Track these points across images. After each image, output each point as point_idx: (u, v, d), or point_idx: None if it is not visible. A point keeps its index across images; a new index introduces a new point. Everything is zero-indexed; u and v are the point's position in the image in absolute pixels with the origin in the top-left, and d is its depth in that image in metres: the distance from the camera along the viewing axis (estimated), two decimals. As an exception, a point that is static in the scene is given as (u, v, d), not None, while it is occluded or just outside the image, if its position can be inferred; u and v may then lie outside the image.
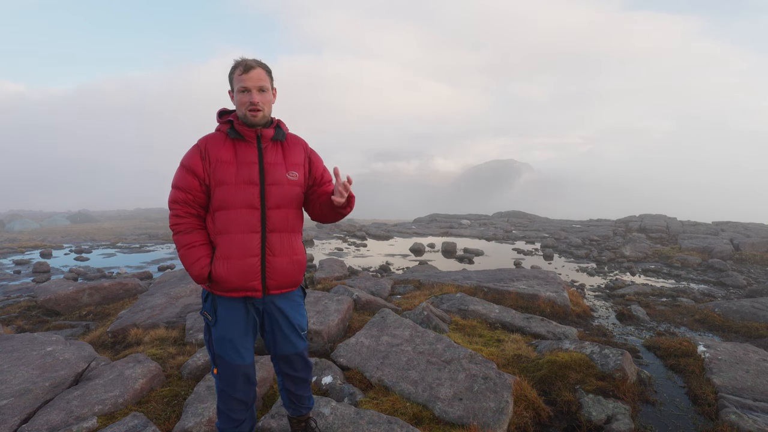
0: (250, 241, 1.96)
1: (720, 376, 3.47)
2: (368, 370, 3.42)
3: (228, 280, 1.95)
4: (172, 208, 2.01)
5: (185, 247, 1.97)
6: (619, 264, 10.44)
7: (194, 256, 1.96)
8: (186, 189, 1.97)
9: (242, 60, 1.96)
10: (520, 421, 2.83)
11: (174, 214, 2.00)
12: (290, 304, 2.13)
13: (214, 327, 2.02)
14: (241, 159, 1.97)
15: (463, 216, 24.23)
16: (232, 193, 1.94)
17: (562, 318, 5.40)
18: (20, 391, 3.02)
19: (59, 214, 49.82)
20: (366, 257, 11.70)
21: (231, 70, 1.97)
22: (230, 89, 2.01)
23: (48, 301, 6.39)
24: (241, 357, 2.02)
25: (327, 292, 5.34)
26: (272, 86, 2.02)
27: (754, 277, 8.99)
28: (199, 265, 1.95)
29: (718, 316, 5.56)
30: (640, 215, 19.49)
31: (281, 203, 2.01)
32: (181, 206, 1.99)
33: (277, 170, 2.01)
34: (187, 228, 1.99)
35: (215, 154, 1.96)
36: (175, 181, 2.00)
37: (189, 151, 2.00)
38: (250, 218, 1.96)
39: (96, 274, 9.52)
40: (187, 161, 1.98)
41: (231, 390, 2.05)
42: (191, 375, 3.40)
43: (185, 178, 1.96)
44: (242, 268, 1.95)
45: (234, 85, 1.96)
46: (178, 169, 2.00)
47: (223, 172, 1.95)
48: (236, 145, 1.99)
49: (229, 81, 2.00)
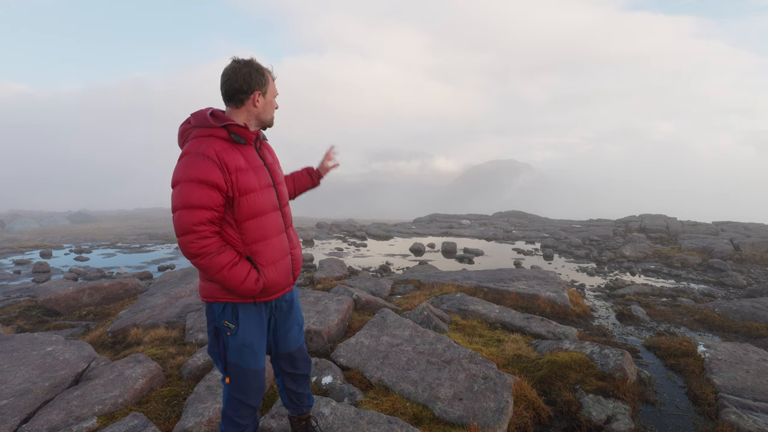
0: (283, 240, 2.03)
1: (720, 376, 3.47)
2: (368, 370, 3.42)
3: (278, 283, 2.00)
4: (195, 231, 1.76)
5: (228, 267, 1.82)
6: (619, 264, 10.44)
7: (242, 272, 1.85)
8: (212, 206, 1.78)
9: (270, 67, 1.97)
10: (520, 421, 2.83)
11: (200, 237, 1.77)
12: (295, 294, 2.25)
13: (233, 336, 1.94)
14: (252, 164, 1.93)
15: (463, 216, 24.23)
16: (261, 199, 1.92)
17: (562, 318, 5.40)
18: (20, 391, 3.02)
19: (59, 214, 49.83)
20: (366, 257, 11.70)
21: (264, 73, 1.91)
22: (259, 90, 1.91)
23: (48, 301, 6.39)
24: (257, 362, 2.00)
25: (327, 292, 5.34)
26: None
27: (754, 277, 8.98)
28: (252, 278, 1.87)
29: (718, 316, 5.56)
30: (640, 215, 19.48)
31: (287, 199, 2.13)
32: (208, 226, 1.79)
33: (277, 169, 2.09)
34: (219, 248, 1.82)
35: (232, 162, 1.83)
36: (194, 201, 1.75)
37: (200, 164, 1.76)
38: (278, 219, 2.02)
39: (96, 274, 9.52)
40: (205, 176, 1.75)
41: (244, 397, 2.02)
42: (191, 375, 3.40)
43: (209, 195, 1.76)
44: (285, 268, 2.03)
45: (268, 90, 1.94)
46: (191, 187, 1.75)
47: (247, 179, 1.87)
48: (242, 151, 1.91)
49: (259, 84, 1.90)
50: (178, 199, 1.76)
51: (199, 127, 1.86)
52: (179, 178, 1.77)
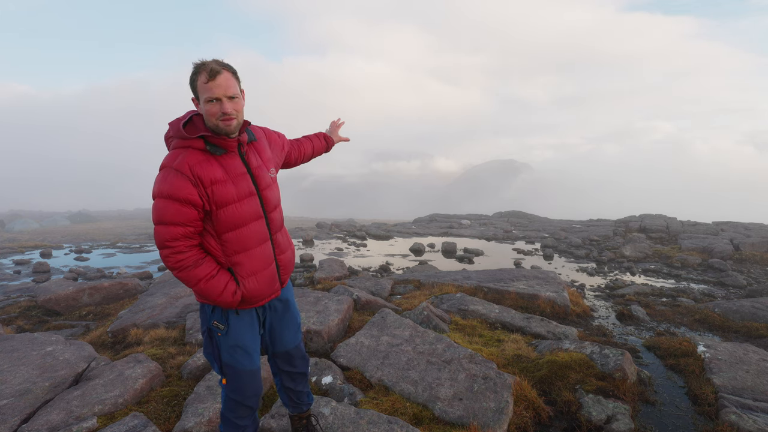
0: (266, 249, 1.96)
1: (720, 376, 3.47)
2: (368, 370, 3.42)
3: (260, 293, 1.95)
4: (169, 246, 1.76)
5: (204, 280, 1.81)
6: (619, 264, 10.43)
7: (219, 284, 1.83)
8: (185, 222, 1.75)
9: (204, 64, 1.72)
10: (520, 421, 2.83)
11: (174, 252, 1.77)
12: (290, 294, 2.20)
13: (225, 336, 1.95)
14: (232, 173, 1.83)
15: (463, 216, 24.23)
16: (239, 211, 1.85)
17: (562, 318, 5.40)
18: (20, 391, 3.02)
19: (59, 214, 49.82)
20: (366, 257, 11.70)
21: (192, 76, 1.74)
22: (194, 96, 1.79)
23: (48, 301, 6.39)
24: (252, 362, 2.00)
25: (327, 292, 5.34)
26: (240, 88, 1.81)
27: (754, 277, 8.98)
28: (230, 291, 1.85)
29: (718, 316, 5.56)
30: (640, 215, 19.47)
31: (276, 204, 2.03)
32: (183, 241, 1.77)
33: (263, 173, 1.95)
34: (196, 261, 1.81)
35: (207, 176, 1.75)
36: (165, 217, 1.73)
37: (170, 179, 1.71)
38: (261, 228, 1.94)
39: (96, 274, 9.52)
40: (177, 193, 1.71)
41: (241, 398, 2.02)
42: (191, 375, 3.40)
43: (181, 212, 1.73)
44: (268, 277, 1.97)
45: (200, 93, 1.74)
46: (164, 203, 1.72)
47: (223, 192, 1.79)
48: (220, 160, 1.81)
49: (192, 88, 1.76)
50: (154, 214, 1.75)
51: (177, 138, 1.80)
52: (155, 193, 1.75)
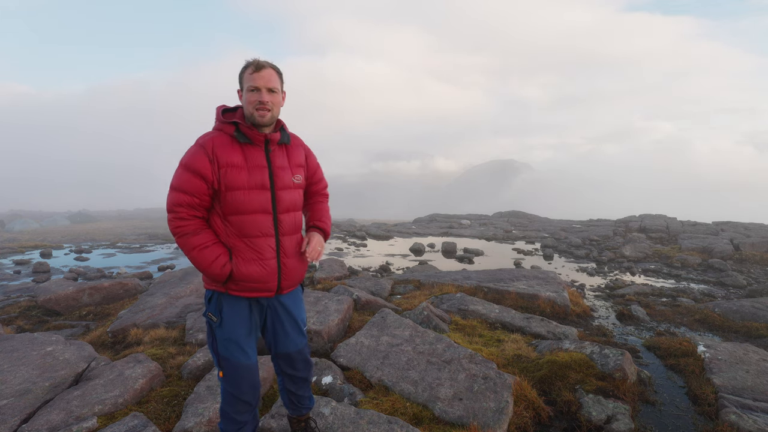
0: (267, 243, 1.98)
1: (720, 376, 3.47)
2: (368, 370, 3.42)
3: (250, 279, 1.96)
4: (174, 211, 1.90)
5: (197, 249, 1.90)
6: (619, 264, 10.43)
7: (211, 255, 1.90)
8: (192, 192, 1.88)
9: (254, 60, 1.93)
10: (520, 421, 2.83)
11: (177, 217, 1.90)
12: (294, 300, 2.18)
13: (219, 328, 2.00)
14: (251, 163, 1.93)
15: (463, 216, 24.23)
16: (246, 199, 1.91)
17: (562, 318, 5.40)
18: (20, 391, 3.02)
19: (59, 214, 49.82)
20: (366, 257, 11.70)
21: (242, 69, 1.94)
22: (239, 88, 1.97)
23: (48, 301, 6.39)
24: (247, 356, 2.02)
25: (327, 292, 5.34)
26: (282, 89, 1.99)
27: (754, 277, 8.98)
28: (219, 263, 1.90)
29: (718, 316, 5.56)
30: (640, 215, 19.48)
31: (290, 207, 2.04)
32: (186, 209, 1.89)
33: (285, 174, 2.02)
34: (195, 229, 1.91)
35: (225, 158, 1.89)
36: (177, 183, 1.89)
37: (192, 152, 1.89)
38: (265, 222, 1.96)
39: (96, 274, 9.52)
40: (192, 163, 1.87)
41: (238, 392, 2.03)
42: (191, 375, 3.40)
43: (191, 181, 1.87)
44: (263, 269, 1.97)
45: (244, 83, 1.93)
46: (180, 171, 1.89)
47: (235, 177, 1.89)
48: (244, 148, 1.94)
49: (239, 80, 1.96)
50: (172, 179, 1.92)
51: (217, 121, 2.00)
52: (180, 162, 1.93)
